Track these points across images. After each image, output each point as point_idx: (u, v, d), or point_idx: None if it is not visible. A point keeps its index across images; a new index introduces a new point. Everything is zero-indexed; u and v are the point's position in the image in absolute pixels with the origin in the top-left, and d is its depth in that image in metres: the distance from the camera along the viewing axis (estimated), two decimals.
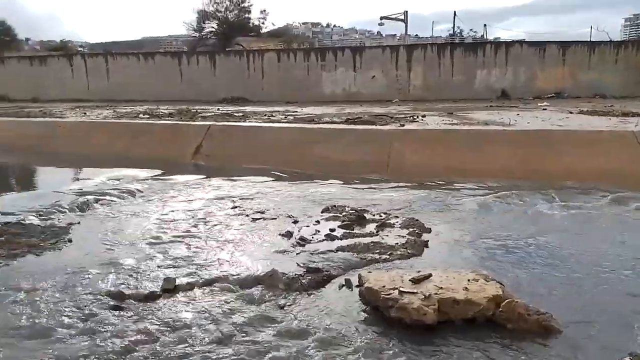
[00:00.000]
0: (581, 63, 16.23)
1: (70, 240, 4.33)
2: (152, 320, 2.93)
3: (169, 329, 2.83)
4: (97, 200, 5.64)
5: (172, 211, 5.23)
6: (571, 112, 10.26)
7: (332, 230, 4.58)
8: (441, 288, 2.98)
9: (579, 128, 7.79)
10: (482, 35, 39.00)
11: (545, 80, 16.26)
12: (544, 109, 11.22)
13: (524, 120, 8.85)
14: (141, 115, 11.20)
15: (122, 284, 3.41)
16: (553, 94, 15.60)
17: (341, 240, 4.35)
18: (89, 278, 3.51)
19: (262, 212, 5.16)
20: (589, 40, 20.01)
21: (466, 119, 9.41)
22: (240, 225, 4.76)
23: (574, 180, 6.15)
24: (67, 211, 5.22)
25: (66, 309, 3.06)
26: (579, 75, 16.14)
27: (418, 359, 2.51)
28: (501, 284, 3.07)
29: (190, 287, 3.35)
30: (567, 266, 3.69)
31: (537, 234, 4.41)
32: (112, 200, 5.72)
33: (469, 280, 3.07)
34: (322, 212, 5.19)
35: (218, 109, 12.38)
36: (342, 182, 6.61)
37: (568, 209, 5.17)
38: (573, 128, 7.78)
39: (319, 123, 9.25)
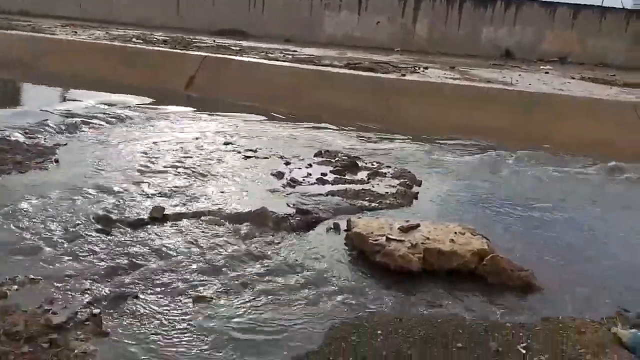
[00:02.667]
0: (590, 28, 15.81)
1: (56, 161, 4.25)
2: (139, 247, 2.93)
3: (155, 256, 2.84)
4: (85, 123, 5.51)
5: (163, 141, 5.13)
6: (573, 78, 10.12)
7: (323, 174, 4.55)
8: (428, 238, 3.01)
9: (579, 94, 7.70)
10: None
11: (551, 43, 15.89)
12: (546, 72, 11.05)
13: (526, 82, 8.72)
14: (134, 40, 10.77)
15: (109, 208, 3.38)
16: (557, 58, 15.31)
17: (332, 185, 4.34)
18: (75, 200, 3.47)
19: (254, 151, 5.10)
20: (601, 5, 19.41)
21: (468, 75, 9.24)
22: (232, 161, 4.71)
23: (568, 146, 6.14)
24: (55, 132, 5.10)
25: (52, 229, 3.04)
26: (587, 41, 15.77)
27: (399, 303, 2.56)
28: (487, 239, 3.10)
29: (178, 217, 3.34)
30: (555, 229, 3.74)
31: (527, 195, 4.45)
32: (101, 125, 5.59)
33: (455, 233, 3.10)
34: (314, 155, 5.14)
35: (214, 41, 11.95)
36: (337, 128, 6.52)
37: (560, 174, 5.19)
38: (573, 94, 7.69)
39: (318, 65, 9.00)
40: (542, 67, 12.56)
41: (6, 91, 8.13)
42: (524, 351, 2.16)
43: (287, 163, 4.82)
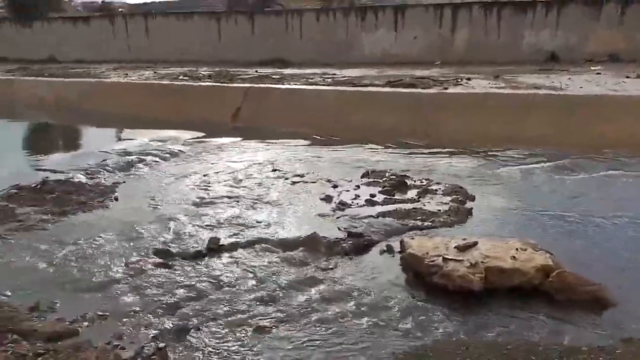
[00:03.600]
0: (638, 24, 15.08)
1: (116, 199, 4.46)
2: (198, 278, 3.01)
3: (213, 287, 2.90)
4: (141, 160, 5.77)
5: (214, 173, 5.29)
6: (628, 77, 9.62)
7: (372, 195, 4.53)
8: (487, 256, 2.91)
9: (636, 93, 7.30)
10: None
11: (599, 42, 15.22)
12: (597, 73, 10.57)
13: (576, 85, 8.36)
14: (181, 77, 11.27)
15: (168, 242, 3.51)
16: (607, 57, 14.64)
17: (382, 205, 4.30)
18: (136, 236, 3.62)
19: (302, 176, 5.15)
20: None
21: (514, 83, 8.98)
22: (280, 187, 4.77)
23: (628, 149, 5.80)
24: (113, 170, 5.37)
25: (116, 265, 3.18)
26: (637, 37, 15.04)
27: (463, 328, 2.47)
28: (551, 253, 2.96)
29: (233, 247, 3.41)
30: (620, 237, 3.52)
31: (586, 203, 4.22)
32: (155, 161, 5.84)
33: (516, 249, 2.98)
34: (361, 177, 5.13)
35: (256, 71, 12.30)
36: (382, 147, 6.49)
37: (619, 178, 4.91)
38: (630, 94, 7.30)
39: (358, 86, 9.05)
40: (592, 67, 12.04)
41: (68, 135, 8.68)
42: None
43: (335, 186, 4.83)
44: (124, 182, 5.00)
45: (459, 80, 9.33)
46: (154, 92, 9.80)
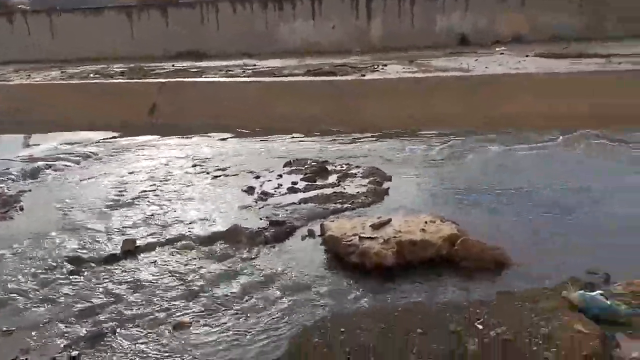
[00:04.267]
0: (540, 4, 16.24)
1: (21, 208, 4.18)
2: (112, 282, 2.90)
3: (130, 289, 2.81)
4: (49, 166, 5.42)
5: (130, 173, 5.09)
6: (527, 56, 10.39)
7: (294, 183, 4.58)
8: (400, 232, 3.06)
9: (534, 71, 7.91)
10: None
11: (504, 24, 16.23)
12: (501, 54, 11.31)
13: (482, 66, 8.91)
14: (92, 76, 10.66)
15: (80, 248, 3.35)
16: (512, 39, 15.67)
17: (304, 192, 4.36)
18: (43, 245, 3.42)
19: (223, 169, 5.09)
20: None
21: (427, 66, 9.39)
22: (201, 183, 4.69)
23: (527, 124, 6.28)
24: (17, 179, 5.01)
25: (23, 277, 2.99)
26: (537, 17, 16.18)
27: (378, 300, 2.59)
28: (456, 223, 3.17)
29: (151, 247, 3.32)
30: (523, 205, 3.83)
31: (495, 175, 4.55)
32: (65, 165, 5.52)
33: (426, 222, 3.16)
34: (284, 166, 5.16)
35: (172, 65, 11.90)
36: (304, 136, 6.55)
37: (524, 150, 5.32)
38: (528, 71, 7.89)
39: (279, 76, 9.05)
40: (497, 49, 12.85)
41: None
42: (481, 327, 2.22)
43: (257, 177, 4.83)
44: (30, 190, 4.68)
45: (376, 66, 9.60)
46: (62, 92, 9.20)
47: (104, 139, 6.84)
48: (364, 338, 2.22)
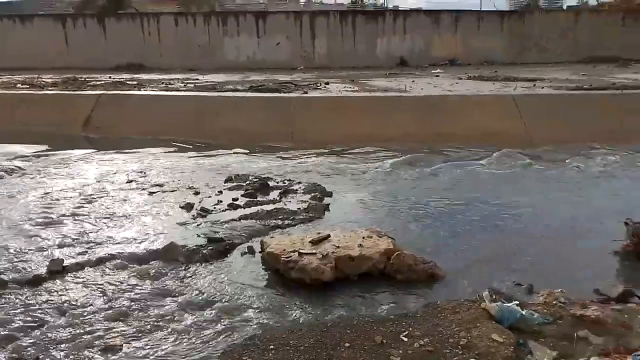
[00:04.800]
0: (471, 31, 17.27)
1: None
2: (38, 306, 2.73)
3: (56, 312, 2.65)
4: None
5: (60, 190, 4.82)
6: (460, 78, 10.97)
7: (234, 199, 4.53)
8: (338, 247, 3.11)
9: (466, 93, 8.36)
10: (383, 4, 39.86)
11: (440, 48, 17.12)
12: (436, 76, 11.87)
13: (418, 87, 9.31)
14: (19, 85, 10.07)
15: (2, 268, 3.12)
16: (447, 62, 16.51)
17: (244, 208, 4.33)
18: None
19: (161, 185, 4.96)
20: (479, 9, 21.28)
21: (367, 86, 9.68)
22: (137, 199, 4.54)
23: (464, 140, 6.61)
24: None
25: None
26: (470, 43, 17.19)
27: (317, 314, 2.61)
28: (392, 238, 3.26)
29: (80, 267, 3.15)
30: (455, 219, 4.02)
31: (430, 191, 4.73)
32: None
33: (363, 237, 3.23)
34: (225, 182, 5.10)
35: (110, 77, 11.50)
36: (246, 151, 6.52)
37: (457, 168, 5.59)
38: (461, 93, 8.34)
39: (221, 91, 8.98)
40: (433, 71, 13.47)
41: None
42: (406, 339, 2.29)
43: (197, 193, 4.74)
44: None
45: (318, 84, 9.77)
46: None
47: (33, 152, 6.46)
48: (292, 354, 2.22)
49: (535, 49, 16.75)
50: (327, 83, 10.08)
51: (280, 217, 4.12)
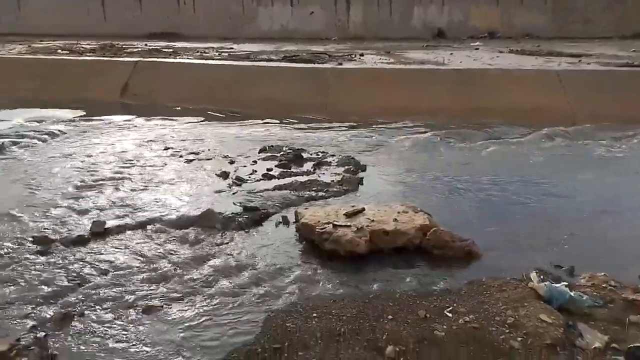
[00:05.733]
0: (513, 3, 16.53)
1: None
2: (81, 264, 2.84)
3: (99, 272, 2.76)
4: (15, 143, 5.23)
5: (100, 153, 4.96)
6: (501, 52, 10.58)
7: (269, 169, 4.56)
8: (373, 221, 3.10)
9: (507, 67, 8.07)
10: None
11: (479, 20, 16.48)
12: (476, 49, 11.48)
13: (457, 60, 9.03)
14: (59, 51, 10.27)
15: (48, 228, 3.25)
16: (486, 34, 15.91)
17: (278, 179, 4.35)
18: (10, 224, 3.31)
19: (197, 153, 5.02)
20: None
21: (403, 58, 9.45)
22: (174, 166, 4.62)
23: (503, 117, 6.42)
24: None
25: None
26: (511, 15, 16.48)
27: (355, 286, 2.63)
28: (429, 214, 3.23)
29: (121, 229, 3.25)
30: (492, 198, 3.93)
31: (467, 168, 4.64)
32: (32, 143, 5.33)
33: (399, 212, 3.21)
34: (259, 152, 5.13)
35: (146, 45, 11.59)
36: (279, 122, 6.52)
37: (496, 145, 5.44)
38: (502, 67, 8.05)
39: (255, 61, 8.94)
40: (472, 44, 13.03)
41: None
42: (450, 315, 2.28)
43: (232, 162, 4.79)
44: None
45: (353, 56, 9.60)
46: (29, 67, 8.85)
47: (72, 117, 6.63)
48: (335, 323, 2.25)
49: (580, 23, 15.93)
50: (361, 54, 9.90)
51: (314, 188, 4.13)
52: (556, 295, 2.32)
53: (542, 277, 2.50)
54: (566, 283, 2.45)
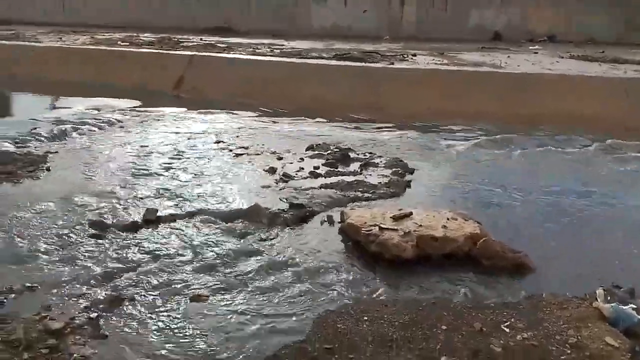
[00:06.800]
0: (575, 6, 15.79)
1: (48, 169, 4.24)
2: (133, 249, 2.94)
3: (150, 258, 2.85)
4: (75, 129, 5.49)
5: (154, 143, 5.13)
6: (562, 57, 10.13)
7: (316, 167, 4.56)
8: (420, 225, 3.04)
9: (568, 73, 7.71)
10: None
11: (538, 23, 15.84)
12: (535, 53, 11.04)
13: (515, 63, 8.72)
14: (120, 43, 10.70)
15: (103, 213, 3.39)
16: (545, 38, 15.28)
17: (325, 177, 4.35)
18: (68, 207, 3.48)
19: (246, 148, 5.09)
20: None
21: (457, 60, 9.22)
22: (224, 159, 4.71)
23: (561, 124, 6.14)
24: (45, 139, 5.08)
25: (46, 237, 3.05)
26: (573, 18, 15.74)
27: (402, 292, 2.59)
28: (479, 223, 3.13)
29: (172, 218, 3.35)
30: (546, 209, 3.77)
31: (519, 176, 4.47)
32: (91, 130, 5.58)
33: (447, 219, 3.13)
34: (306, 149, 5.14)
35: (201, 39, 11.88)
36: (328, 120, 6.51)
37: (551, 154, 5.22)
38: (562, 72, 7.70)
39: (306, 58, 8.98)
40: (530, 47, 12.55)
41: None
42: (507, 330, 2.19)
43: (279, 158, 4.82)
44: (57, 151, 4.74)
45: (405, 56, 9.46)
46: (91, 57, 9.27)
47: (129, 107, 6.89)
48: (386, 328, 2.22)
49: None
50: (414, 55, 9.73)
51: (360, 189, 4.10)
52: (623, 317, 2.18)
53: (608, 297, 2.36)
54: (634, 305, 2.30)
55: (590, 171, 4.76)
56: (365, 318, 2.29)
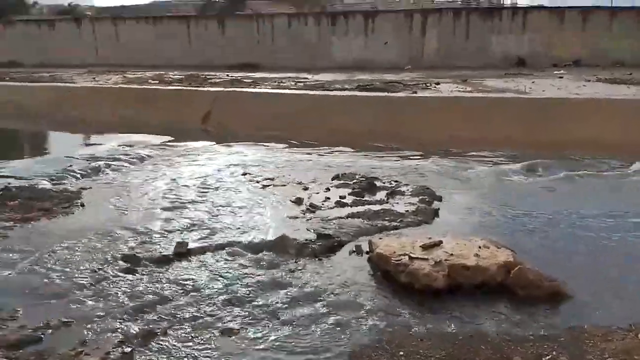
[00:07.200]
0: (601, 30, 15.65)
1: (82, 205, 4.38)
2: (165, 283, 2.98)
3: (181, 291, 2.88)
4: (108, 166, 5.67)
5: (183, 177, 5.24)
6: (588, 80, 10.00)
7: (342, 197, 4.57)
8: (451, 254, 2.98)
9: (595, 96, 7.60)
10: (499, 0, 37.62)
11: (563, 48, 15.74)
12: (560, 77, 10.95)
13: (540, 88, 8.65)
14: (150, 81, 11.13)
15: (135, 247, 3.46)
16: (571, 63, 15.15)
17: (351, 207, 4.34)
18: (101, 242, 3.56)
19: (272, 179, 5.16)
20: (610, 5, 19.22)
21: (481, 87, 9.22)
22: (251, 191, 4.77)
23: (588, 149, 6.02)
24: (79, 176, 5.27)
25: (80, 272, 3.12)
26: (599, 42, 15.59)
27: (436, 324, 2.53)
28: (512, 251, 3.06)
29: (201, 251, 3.39)
30: (578, 235, 3.66)
31: (549, 202, 4.37)
32: (123, 166, 5.75)
33: (479, 247, 3.07)
34: (332, 179, 5.17)
35: (227, 75, 12.26)
36: (352, 150, 6.56)
37: (579, 179, 5.09)
38: (589, 97, 7.59)
39: (329, 90, 9.13)
40: (555, 72, 12.45)
41: (33, 140, 8.45)
42: None
43: (305, 189, 4.86)
44: (90, 187, 4.90)
45: (428, 84, 9.51)
46: (122, 96, 9.64)
47: (160, 142, 7.09)
48: None
49: None
50: (437, 83, 9.78)
51: (387, 218, 4.07)
52: None
53: None
54: None
55: (624, 196, 4.61)
56: (401, 353, 2.24)
